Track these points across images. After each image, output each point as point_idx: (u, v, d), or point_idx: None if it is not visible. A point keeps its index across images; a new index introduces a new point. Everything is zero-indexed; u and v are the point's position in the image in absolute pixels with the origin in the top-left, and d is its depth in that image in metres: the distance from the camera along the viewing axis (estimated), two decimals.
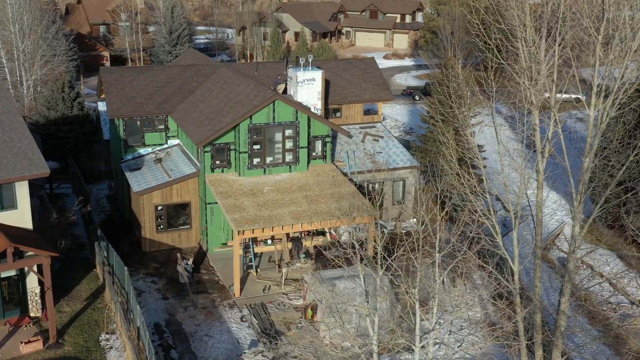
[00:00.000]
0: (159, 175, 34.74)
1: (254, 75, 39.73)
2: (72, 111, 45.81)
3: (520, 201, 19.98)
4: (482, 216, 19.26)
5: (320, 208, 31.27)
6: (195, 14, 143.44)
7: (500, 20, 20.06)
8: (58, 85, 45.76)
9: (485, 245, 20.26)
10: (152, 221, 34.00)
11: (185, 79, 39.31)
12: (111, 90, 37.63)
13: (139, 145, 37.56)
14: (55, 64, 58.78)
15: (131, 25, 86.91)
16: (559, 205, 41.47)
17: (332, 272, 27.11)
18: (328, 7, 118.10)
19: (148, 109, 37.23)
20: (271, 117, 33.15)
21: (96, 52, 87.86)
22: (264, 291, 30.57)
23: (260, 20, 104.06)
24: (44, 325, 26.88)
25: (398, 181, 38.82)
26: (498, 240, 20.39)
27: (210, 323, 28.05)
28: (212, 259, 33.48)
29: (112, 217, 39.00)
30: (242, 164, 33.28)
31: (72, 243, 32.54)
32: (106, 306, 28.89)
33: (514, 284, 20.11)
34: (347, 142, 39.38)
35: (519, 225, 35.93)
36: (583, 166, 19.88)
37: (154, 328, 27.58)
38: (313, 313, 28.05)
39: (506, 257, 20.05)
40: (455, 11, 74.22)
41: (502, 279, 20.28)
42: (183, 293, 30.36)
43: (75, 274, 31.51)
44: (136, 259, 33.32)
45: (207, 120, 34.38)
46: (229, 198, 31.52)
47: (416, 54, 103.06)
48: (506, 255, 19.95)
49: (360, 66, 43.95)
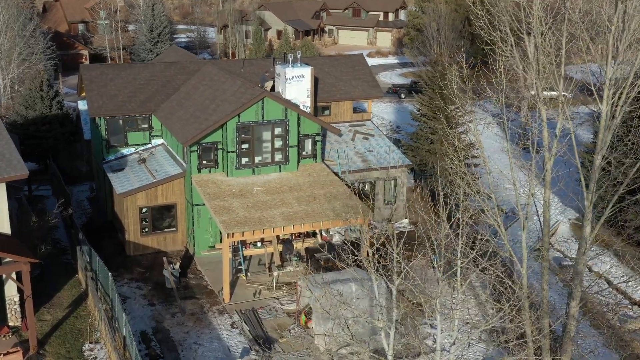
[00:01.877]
0: (143, 176, 33.44)
1: (240, 73, 38.54)
2: (51, 110, 44.40)
3: (530, 200, 19.00)
4: (489, 217, 18.24)
5: (312, 209, 30.16)
6: (175, 12, 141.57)
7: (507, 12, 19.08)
8: (36, 83, 44.32)
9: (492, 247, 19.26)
10: (137, 224, 32.69)
11: (169, 76, 38.02)
12: (92, 88, 36.26)
13: (122, 145, 36.21)
14: (32, 62, 57.20)
15: (111, 23, 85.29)
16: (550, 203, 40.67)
17: (328, 276, 26.00)
18: (310, 5, 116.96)
19: (131, 108, 35.90)
20: (260, 115, 31.98)
21: (75, 50, 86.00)
22: (254, 296, 29.39)
23: (242, 18, 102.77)
24: (24, 335, 25.48)
25: (389, 180, 37.81)
26: (505, 242, 19.42)
27: (199, 330, 26.82)
28: (200, 263, 32.24)
29: (94, 220, 37.61)
30: (230, 163, 32.08)
31: (52, 247, 31.13)
32: (89, 314, 27.55)
33: (522, 288, 19.13)
34: (336, 140, 38.31)
35: (512, 225, 35.28)
36: (595, 164, 18.97)
37: (141, 336, 26.30)
38: (307, 318, 26.92)
39: (514, 259, 19.06)
40: (440, 8, 73.49)
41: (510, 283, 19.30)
42: (170, 299, 29.09)
43: (56, 279, 30.13)
44: (120, 263, 31.98)
45: (192, 118, 33.14)
46: (217, 199, 30.31)
47: (400, 52, 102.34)
48: (514, 257, 18.97)
49: (348, 63, 42.91)
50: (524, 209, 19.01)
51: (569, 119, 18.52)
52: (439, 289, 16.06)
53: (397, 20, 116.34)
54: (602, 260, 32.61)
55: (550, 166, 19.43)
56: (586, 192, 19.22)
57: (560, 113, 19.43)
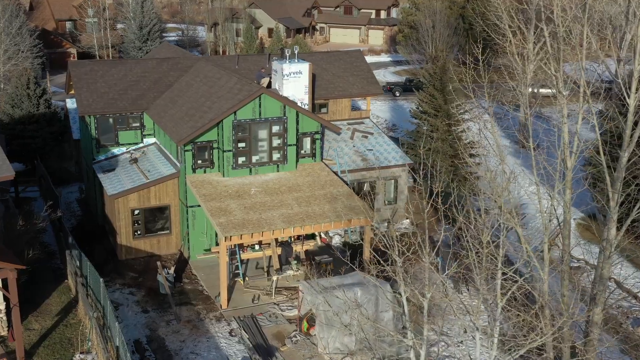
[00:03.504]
0: (135, 177, 32.09)
1: (235, 69, 37.25)
2: (38, 109, 42.95)
3: (553, 203, 17.84)
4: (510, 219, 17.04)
5: (313, 210, 28.91)
6: (164, 11, 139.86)
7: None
8: (22, 81, 42.87)
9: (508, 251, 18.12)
10: (129, 226, 31.33)
11: (162, 72, 36.65)
12: (81, 86, 34.86)
13: (113, 144, 34.81)
14: (19, 60, 55.66)
15: (99, 21, 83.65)
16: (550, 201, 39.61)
17: (331, 280, 24.76)
18: (302, 2, 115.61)
19: (122, 105, 34.53)
20: (257, 113, 30.70)
21: (62, 49, 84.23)
22: (253, 301, 28.12)
23: (232, 16, 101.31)
24: (10, 345, 24.07)
25: (390, 180, 36.61)
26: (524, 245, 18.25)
27: (196, 338, 25.50)
28: (195, 267, 30.92)
29: (84, 223, 36.19)
30: (227, 163, 30.78)
31: (40, 252, 29.63)
32: (80, 322, 26.17)
33: (542, 294, 17.97)
34: (335, 139, 37.07)
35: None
36: (621, 162, 17.84)
37: (134, 345, 24.95)
38: (309, 325, 25.65)
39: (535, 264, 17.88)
40: (435, 5, 72.44)
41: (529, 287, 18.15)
42: (165, 305, 27.74)
43: (45, 286, 28.72)
44: (111, 268, 30.61)
45: (187, 116, 31.81)
46: (213, 201, 29.00)
47: (393, 49, 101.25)
48: (535, 262, 17.78)
49: (346, 59, 41.72)
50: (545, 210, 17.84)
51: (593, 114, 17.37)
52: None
53: (389, 18, 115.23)
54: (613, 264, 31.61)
55: (572, 164, 18.29)
56: (611, 192, 18.07)
57: (581, 109, 18.31)
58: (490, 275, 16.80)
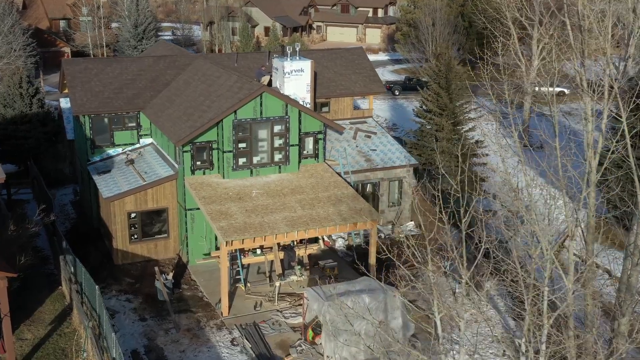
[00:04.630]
0: (132, 179, 30.95)
1: (234, 67, 36.11)
2: (31, 109, 41.78)
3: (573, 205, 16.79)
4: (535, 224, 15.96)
5: (317, 213, 27.82)
6: (159, 10, 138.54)
7: None
8: (15, 80, 41.71)
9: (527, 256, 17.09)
10: (125, 230, 30.19)
11: (159, 71, 35.50)
12: (75, 84, 33.69)
13: (108, 145, 33.62)
14: (11, 59, 54.46)
15: (93, 19, 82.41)
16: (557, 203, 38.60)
17: (337, 287, 23.68)
18: (298, 1, 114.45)
19: (117, 105, 33.37)
20: (258, 112, 29.59)
21: (56, 48, 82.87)
22: (255, 308, 27.00)
23: (228, 14, 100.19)
24: (1, 357, 22.92)
25: (394, 181, 35.54)
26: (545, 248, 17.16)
27: (196, 348, 24.37)
28: (194, 272, 29.80)
29: (79, 226, 35.01)
30: (227, 164, 29.65)
31: (33, 257, 28.42)
32: (75, 331, 25.03)
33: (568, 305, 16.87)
34: (337, 139, 35.97)
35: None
36: None
37: (132, 356, 23.81)
38: (315, 334, 24.54)
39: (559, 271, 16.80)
40: (435, 2, 71.40)
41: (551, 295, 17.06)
42: (163, 313, 26.60)
43: (37, 292, 27.57)
44: (107, 273, 29.47)
45: (185, 116, 30.69)
46: (213, 204, 27.87)
47: (391, 48, 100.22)
48: (560, 270, 16.70)
49: (348, 57, 40.60)
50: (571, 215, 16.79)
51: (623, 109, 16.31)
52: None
53: (386, 16, 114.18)
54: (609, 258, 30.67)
55: (595, 165, 17.24)
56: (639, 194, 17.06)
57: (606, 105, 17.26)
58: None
